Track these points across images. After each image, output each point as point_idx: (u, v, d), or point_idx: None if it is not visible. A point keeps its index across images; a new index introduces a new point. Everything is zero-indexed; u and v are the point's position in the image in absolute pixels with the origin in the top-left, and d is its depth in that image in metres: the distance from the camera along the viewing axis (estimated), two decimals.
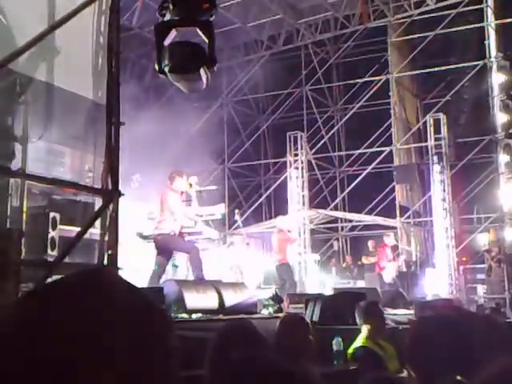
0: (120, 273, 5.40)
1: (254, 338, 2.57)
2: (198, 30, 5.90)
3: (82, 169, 6.96)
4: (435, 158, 16.79)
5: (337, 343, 6.01)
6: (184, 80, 5.97)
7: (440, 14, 17.62)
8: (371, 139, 19.27)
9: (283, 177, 18.49)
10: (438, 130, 16.99)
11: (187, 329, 5.90)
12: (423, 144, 18.39)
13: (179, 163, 12.48)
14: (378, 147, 18.82)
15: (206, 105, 19.87)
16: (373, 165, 18.22)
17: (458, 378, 1.91)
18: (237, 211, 13.23)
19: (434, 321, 2.46)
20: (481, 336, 2.09)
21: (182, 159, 13.58)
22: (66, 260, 5.44)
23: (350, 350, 5.22)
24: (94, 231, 6.21)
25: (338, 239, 20.72)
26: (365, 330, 5.24)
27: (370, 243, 15.89)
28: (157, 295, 6.39)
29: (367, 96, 18.89)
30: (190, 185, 9.34)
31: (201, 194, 10.30)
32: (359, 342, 5.24)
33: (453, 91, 17.99)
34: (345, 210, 20.32)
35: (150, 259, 8.79)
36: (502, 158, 15.70)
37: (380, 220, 18.24)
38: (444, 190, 16.55)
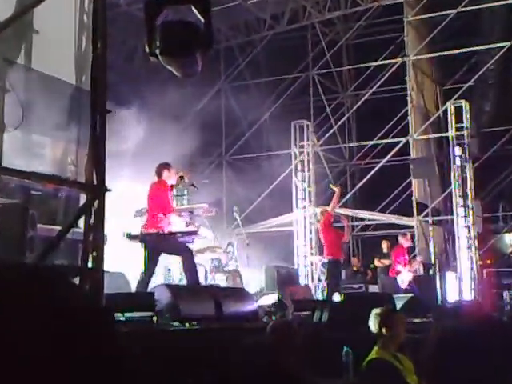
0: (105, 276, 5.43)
1: None
2: (193, 8, 5.90)
3: (65, 161, 6.98)
4: (456, 149, 16.77)
5: (346, 354, 6.02)
6: (177, 63, 5.97)
7: None
8: (385, 129, 19.21)
9: (287, 170, 18.48)
10: (459, 119, 16.95)
11: (181, 338, 5.92)
12: (443, 134, 18.36)
13: (171, 155, 12.48)
14: (392, 138, 18.79)
15: (202, 91, 19.84)
16: (387, 157, 18.20)
17: None
18: (235, 208, 13.24)
19: (454, 330, 2.47)
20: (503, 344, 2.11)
21: (174, 151, 13.57)
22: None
23: (365, 362, 5.22)
24: (78, 230, 6.22)
25: (348, 239, 20.74)
26: (380, 340, 5.24)
27: (384, 244, 15.87)
28: (147, 301, 6.41)
29: (381, 81, 18.86)
30: (182, 178, 9.31)
31: (194, 189, 10.30)
32: (374, 353, 5.24)
33: (477, 75, 17.95)
34: (356, 208, 20.29)
35: (139, 261, 8.80)
36: None
37: (395, 219, 18.23)
38: (466, 186, 16.54)
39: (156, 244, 8.55)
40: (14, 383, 0.93)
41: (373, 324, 5.31)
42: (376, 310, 5.39)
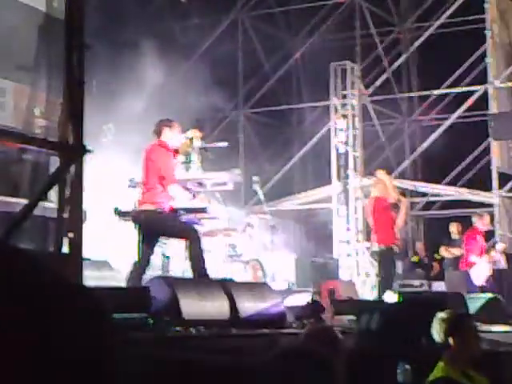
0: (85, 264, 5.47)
1: None
2: None
3: (31, 113, 6.99)
4: None
5: (403, 372, 6.03)
6: None
7: None
8: (456, 74, 19.06)
9: (325, 129, 18.44)
10: None
11: (184, 348, 5.96)
12: None
13: (172, 109, 12.48)
14: (466, 86, 18.64)
15: (212, 21, 19.78)
16: (458, 112, 18.08)
17: None
18: (256, 179, 13.23)
19: None
20: None
21: (175, 103, 13.57)
22: None
23: (427, 383, 5.24)
24: (49, 205, 6.25)
25: (405, 221, 20.71)
26: (447, 353, 5.25)
27: (454, 228, 15.84)
28: (140, 298, 6.45)
29: (452, 9, 18.67)
30: (191, 140, 9.34)
31: (205, 154, 10.32)
32: (439, 370, 5.25)
33: None
34: (416, 179, 20.25)
35: (130, 246, 8.86)
36: None
37: (468, 194, 18.16)
38: None
39: (153, 224, 8.62)
40: None
41: (437, 332, 5.32)
42: (442, 314, 5.40)
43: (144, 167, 8.88)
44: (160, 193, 8.63)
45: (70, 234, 5.55)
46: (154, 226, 8.67)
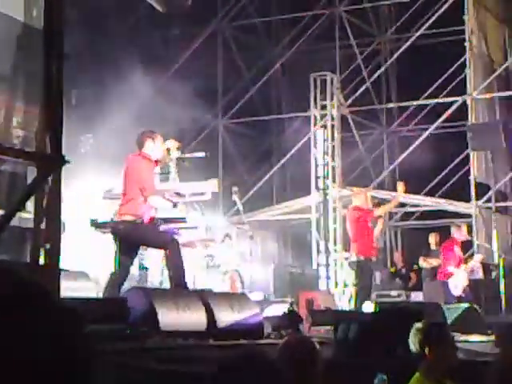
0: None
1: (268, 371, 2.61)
2: None
3: (8, 123, 6.96)
4: None
5: (380, 382, 6.04)
6: None
7: None
8: (435, 85, 19.12)
9: (304, 139, 18.45)
10: None
11: (162, 360, 5.94)
12: None
13: (150, 120, 12.48)
14: (444, 97, 18.71)
15: (192, 32, 19.77)
16: (437, 123, 18.13)
17: None
18: (235, 189, 13.25)
19: None
20: None
21: (154, 114, 13.56)
22: None
23: None
24: (26, 216, 6.23)
25: (384, 232, 20.72)
26: (423, 364, 5.26)
27: (432, 238, 15.87)
28: (118, 309, 6.43)
29: (431, 21, 18.75)
30: (168, 150, 9.35)
31: (183, 164, 10.34)
32: (415, 381, 5.25)
33: None
34: (395, 190, 20.26)
35: (108, 257, 8.83)
36: None
37: (446, 204, 18.20)
38: None
39: (132, 235, 8.60)
40: None
41: (413, 343, 5.32)
42: (418, 325, 5.39)
43: (124, 178, 8.87)
44: (140, 204, 8.60)
45: (48, 245, 5.52)
46: (133, 237, 8.65)
